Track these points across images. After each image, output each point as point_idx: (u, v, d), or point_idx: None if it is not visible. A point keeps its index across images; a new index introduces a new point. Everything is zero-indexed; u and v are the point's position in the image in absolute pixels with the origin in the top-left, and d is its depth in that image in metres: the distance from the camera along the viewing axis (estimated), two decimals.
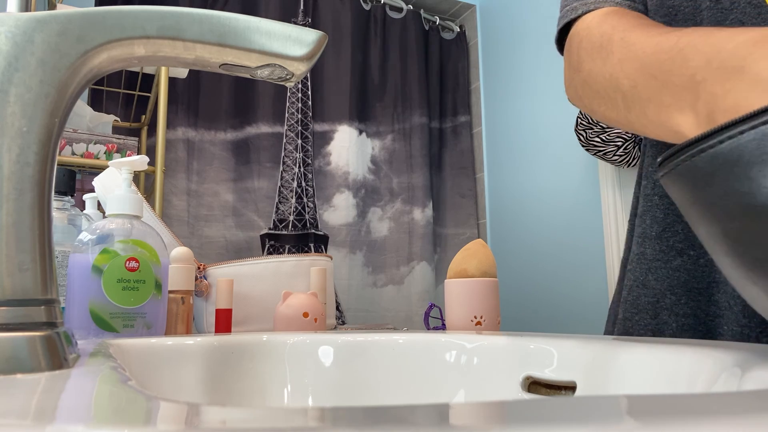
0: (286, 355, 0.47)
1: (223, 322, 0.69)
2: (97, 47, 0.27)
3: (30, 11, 0.30)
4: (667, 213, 0.52)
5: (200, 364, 0.43)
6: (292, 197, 1.97)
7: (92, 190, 0.78)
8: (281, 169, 1.96)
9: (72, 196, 0.68)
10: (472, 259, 0.61)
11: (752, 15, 0.44)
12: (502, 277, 2.12)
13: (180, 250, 0.68)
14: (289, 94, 2.02)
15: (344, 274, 1.98)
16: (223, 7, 1.95)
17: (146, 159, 0.62)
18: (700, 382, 0.25)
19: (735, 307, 0.45)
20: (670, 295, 0.50)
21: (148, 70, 1.65)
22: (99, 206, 0.78)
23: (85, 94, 1.71)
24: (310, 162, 2.02)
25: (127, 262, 0.52)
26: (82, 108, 1.45)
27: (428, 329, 1.18)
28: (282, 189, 1.96)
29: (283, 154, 1.97)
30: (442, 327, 1.38)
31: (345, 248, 2.00)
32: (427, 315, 1.35)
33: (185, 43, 0.29)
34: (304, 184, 1.99)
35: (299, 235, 1.95)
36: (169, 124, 1.79)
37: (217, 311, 0.69)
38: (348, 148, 2.06)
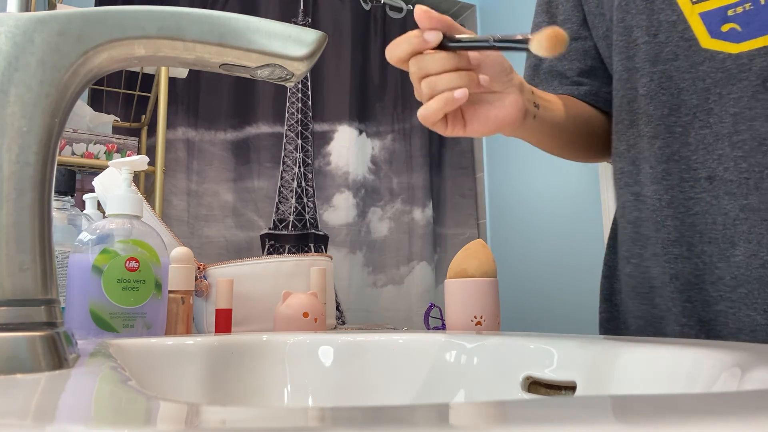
0: (286, 355, 0.47)
1: (223, 322, 0.69)
2: (97, 47, 0.27)
3: (30, 11, 0.30)
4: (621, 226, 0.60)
5: (200, 364, 0.43)
6: (292, 197, 1.96)
7: (92, 190, 0.78)
8: (281, 169, 1.96)
9: (72, 196, 0.68)
10: (472, 259, 0.61)
11: (684, 48, 0.50)
12: (502, 277, 2.11)
13: (180, 250, 0.68)
14: (289, 94, 2.02)
15: (344, 274, 1.97)
16: (223, 7, 1.95)
17: (146, 159, 0.62)
18: (700, 382, 0.25)
19: (674, 308, 0.50)
20: (627, 299, 0.58)
21: (148, 70, 1.65)
22: (99, 206, 0.78)
23: (85, 94, 1.71)
24: (310, 162, 2.02)
25: (127, 262, 0.52)
26: (82, 108, 1.45)
27: (428, 329, 1.18)
28: (282, 189, 1.96)
29: (283, 154, 1.97)
30: (442, 327, 1.38)
31: (345, 248, 1.99)
32: (427, 315, 1.35)
33: (185, 43, 0.29)
34: (304, 184, 1.99)
35: (299, 235, 1.95)
36: (169, 124, 1.79)
37: (217, 311, 0.69)
38: (348, 148, 2.06)
